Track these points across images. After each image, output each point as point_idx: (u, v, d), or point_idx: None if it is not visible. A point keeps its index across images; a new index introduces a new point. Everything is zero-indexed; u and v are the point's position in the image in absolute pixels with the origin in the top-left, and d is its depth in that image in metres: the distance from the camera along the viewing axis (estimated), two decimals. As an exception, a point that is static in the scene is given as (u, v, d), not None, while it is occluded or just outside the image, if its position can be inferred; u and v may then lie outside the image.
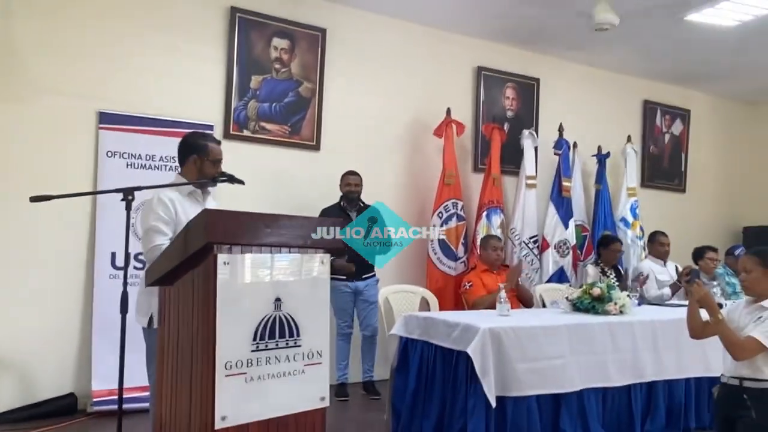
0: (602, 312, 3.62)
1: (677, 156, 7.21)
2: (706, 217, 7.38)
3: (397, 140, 5.37)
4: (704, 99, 7.46)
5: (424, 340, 3.38)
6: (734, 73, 6.67)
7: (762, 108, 7.81)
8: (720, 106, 7.62)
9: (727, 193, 7.64)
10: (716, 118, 7.57)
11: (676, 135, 7.19)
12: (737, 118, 7.79)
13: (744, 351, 2.41)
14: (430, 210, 5.31)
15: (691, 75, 6.78)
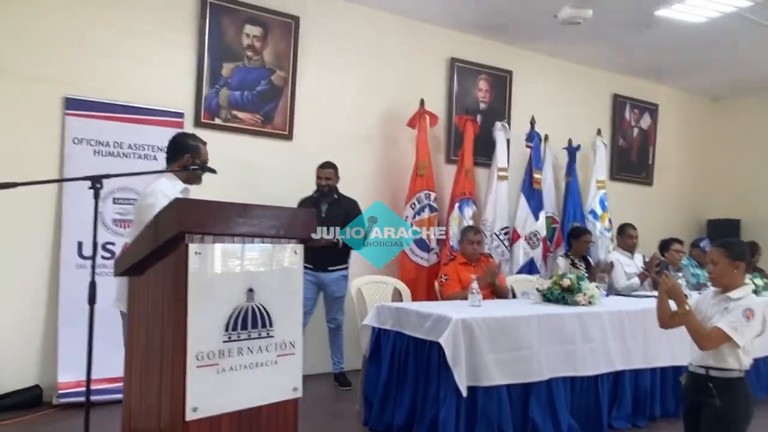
0: (572, 303, 3.68)
1: (645, 149, 7.34)
2: (672, 209, 7.54)
3: (371, 131, 5.36)
4: (672, 94, 7.59)
5: (396, 331, 3.39)
6: (701, 69, 6.80)
7: (727, 104, 8.00)
8: (687, 101, 7.77)
9: (693, 186, 7.81)
10: (683, 112, 7.72)
11: (644, 129, 7.32)
12: (703, 113, 7.95)
13: (709, 341, 2.46)
14: (403, 200, 5.32)
15: (659, 70, 6.89)
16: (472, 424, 3.05)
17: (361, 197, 5.24)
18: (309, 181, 4.75)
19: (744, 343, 2.43)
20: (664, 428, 3.69)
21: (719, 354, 2.48)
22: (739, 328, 2.42)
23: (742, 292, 2.51)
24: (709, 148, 7.99)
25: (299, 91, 4.95)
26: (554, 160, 6.39)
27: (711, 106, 8.04)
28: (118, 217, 4.16)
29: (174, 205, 2.09)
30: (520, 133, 6.09)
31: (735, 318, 2.44)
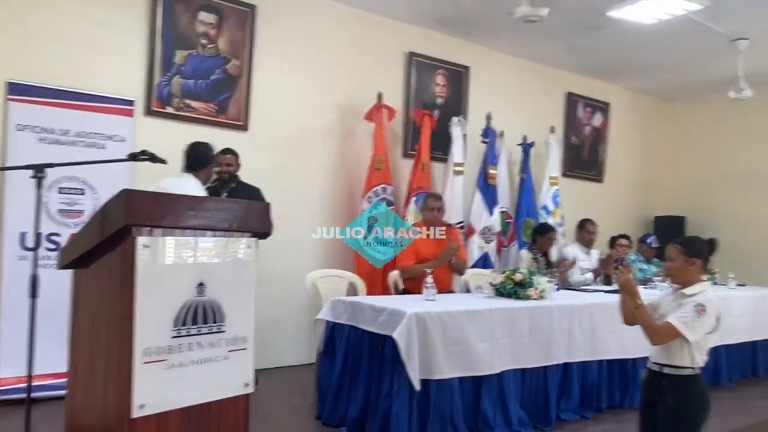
0: (523, 297, 3.73)
1: (596, 147, 7.52)
2: (621, 206, 7.76)
3: (328, 123, 5.32)
4: (623, 93, 7.79)
5: (350, 325, 3.39)
6: (651, 70, 6.99)
7: (676, 104, 8.26)
8: (637, 101, 7.99)
9: (641, 184, 8.05)
10: (634, 112, 7.94)
11: (597, 127, 7.49)
12: (653, 113, 8.19)
13: (659, 336, 2.48)
14: (360, 194, 5.31)
15: (612, 70, 7.06)
16: (424, 417, 3.08)
17: (317, 189, 5.24)
18: (265, 173, 4.70)
19: (695, 339, 2.43)
20: (610, 420, 3.79)
21: (672, 351, 2.49)
22: (689, 323, 2.42)
23: (697, 288, 2.52)
24: (658, 147, 8.24)
25: (255, 82, 4.87)
26: (509, 156, 6.47)
27: (661, 106, 8.29)
28: (64, 208, 4.01)
29: (121, 196, 2.02)
30: (476, 129, 6.14)
31: (685, 313, 2.45)
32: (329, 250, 5.22)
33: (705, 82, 7.25)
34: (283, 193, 4.83)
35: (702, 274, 2.57)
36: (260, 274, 4.16)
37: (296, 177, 5.07)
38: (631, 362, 4.05)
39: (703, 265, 2.57)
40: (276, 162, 4.97)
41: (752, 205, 7.35)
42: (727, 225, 7.06)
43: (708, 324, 2.45)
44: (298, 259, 5.02)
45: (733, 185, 7.56)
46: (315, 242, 5.15)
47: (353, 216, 5.30)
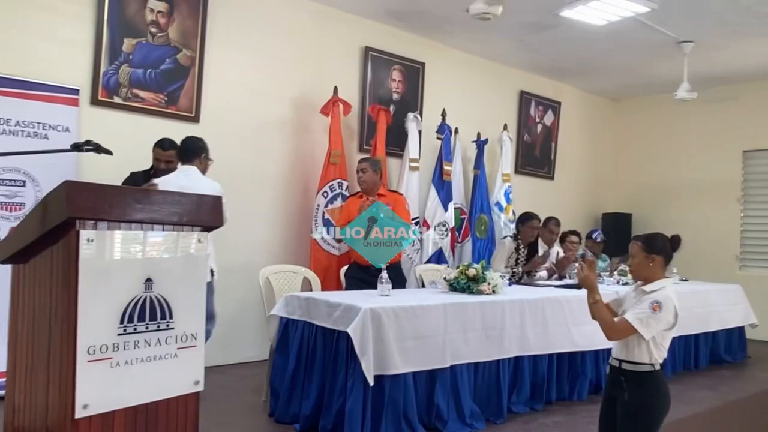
0: (476, 292, 3.77)
1: (548, 145, 7.66)
2: (571, 203, 7.93)
3: (283, 116, 5.25)
4: (574, 92, 7.96)
5: (305, 321, 3.36)
6: (601, 70, 7.17)
7: (624, 104, 8.49)
8: (587, 100, 8.18)
9: (590, 181, 8.25)
10: (583, 111, 8.12)
11: (548, 125, 7.63)
12: (602, 112, 8.40)
13: (615, 332, 2.51)
14: (315, 189, 5.26)
15: (563, 69, 7.20)
16: (378, 412, 3.07)
17: (271, 183, 5.17)
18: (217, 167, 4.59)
19: (649, 335, 2.45)
20: (559, 412, 3.87)
21: (630, 346, 2.51)
22: (644, 320, 2.44)
23: (657, 285, 2.53)
24: (607, 146, 8.46)
25: (207, 72, 4.76)
26: (463, 153, 6.53)
27: (610, 106, 8.51)
28: (3, 200, 3.83)
29: (63, 187, 1.94)
30: (432, 125, 6.17)
31: (641, 310, 2.47)
32: (283, 245, 5.17)
33: (652, 83, 7.47)
34: (236, 187, 4.75)
35: (663, 270, 2.58)
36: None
37: (250, 171, 4.99)
38: (579, 355, 4.14)
39: (665, 262, 2.58)
40: (229, 155, 4.86)
41: (695, 202, 7.63)
42: (672, 222, 7.28)
43: (664, 321, 2.46)
44: (252, 254, 4.95)
45: (677, 183, 7.83)
46: (269, 237, 5.09)
47: (309, 211, 5.26)
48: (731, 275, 6.93)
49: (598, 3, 5.01)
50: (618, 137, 8.49)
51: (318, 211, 5.23)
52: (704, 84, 6.91)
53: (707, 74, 6.84)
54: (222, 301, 4.67)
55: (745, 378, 5.08)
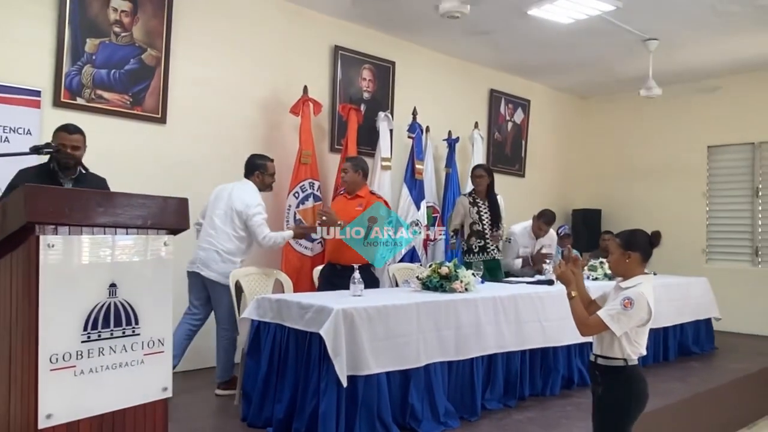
0: (449, 290, 3.79)
1: (518, 143, 7.73)
2: (541, 199, 8.00)
3: (253, 116, 5.20)
4: (543, 90, 8.05)
5: (276, 323, 3.33)
6: (569, 68, 7.26)
7: (592, 102, 8.61)
8: (556, 98, 8.28)
9: (560, 178, 8.35)
10: (553, 108, 8.22)
11: (518, 123, 7.71)
12: (571, 110, 8.51)
13: (587, 327, 2.55)
14: (287, 189, 5.23)
15: (531, 67, 7.27)
16: (352, 413, 3.06)
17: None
18: (184, 168, 4.54)
19: (621, 331, 2.47)
20: (533, 407, 3.90)
21: (604, 342, 2.55)
22: (615, 316, 2.47)
23: (633, 281, 2.56)
24: (576, 143, 8.57)
25: (173, 72, 4.69)
26: (435, 151, 6.56)
27: (579, 104, 8.62)
28: (-39, 206, 3.71)
29: (22, 192, 1.88)
30: (403, 124, 6.18)
31: (613, 306, 2.50)
32: (254, 248, 5.11)
33: (618, 80, 7.59)
34: (205, 189, 4.68)
35: (642, 266, 2.61)
36: (181, 274, 4.10)
37: (219, 172, 4.92)
38: (552, 350, 4.18)
39: (643, 258, 2.61)
40: (197, 156, 4.82)
41: (663, 197, 7.77)
42: (639, 216, 7.42)
43: (636, 317, 2.49)
44: (222, 256, 4.87)
45: (644, 178, 7.96)
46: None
47: (280, 212, 5.22)
48: (698, 269, 7.08)
49: (565, 1, 5.06)
50: (586, 134, 8.60)
51: (289, 212, 5.20)
52: (669, 81, 7.04)
53: (672, 71, 6.97)
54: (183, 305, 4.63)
55: (714, 369, 5.19)
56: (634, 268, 2.60)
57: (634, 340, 2.54)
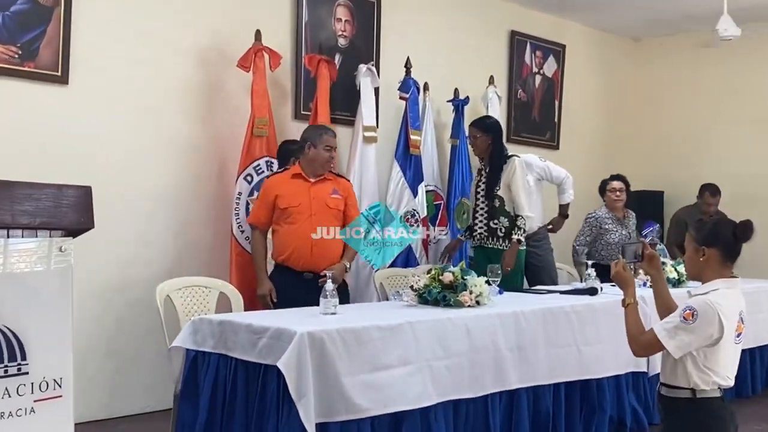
0: (454, 303, 3.78)
1: (550, 103, 7.73)
2: (582, 179, 7.93)
3: (186, 73, 5.18)
4: (582, 31, 8.06)
5: (220, 353, 3.33)
6: (616, 1, 7.23)
7: (648, 47, 8.62)
8: (600, 42, 8.29)
9: (607, 150, 8.35)
10: (596, 56, 8.23)
11: (549, 77, 7.70)
12: (620, 57, 8.52)
13: (638, 344, 2.62)
14: (235, 172, 5.22)
15: (567, 1, 7.24)
16: (323, 473, 3.07)
17: (171, 166, 5.11)
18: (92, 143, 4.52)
19: (679, 352, 2.52)
20: (570, 459, 3.92)
21: (667, 365, 2.61)
22: (671, 330, 2.52)
23: (708, 287, 2.61)
24: (628, 103, 8.59)
25: (77, 16, 4.64)
26: (436, 117, 6.54)
27: (631, 49, 8.63)
28: None
29: None
30: (393, 81, 6.15)
31: (672, 319, 2.55)
32: (191, 250, 5.14)
33: (684, 16, 7.58)
34: (120, 172, 4.70)
35: (722, 267, 2.65)
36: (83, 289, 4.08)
37: (140, 148, 4.90)
38: (596, 384, 4.20)
39: (723, 257, 2.65)
40: (109, 128, 4.80)
41: (751, 173, 7.73)
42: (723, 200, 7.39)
43: (702, 334, 2.52)
44: (146, 263, 4.89)
45: (723, 149, 7.96)
46: (170, 239, 5.04)
47: (226, 202, 5.23)
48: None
49: None
50: (642, 91, 8.61)
51: (240, 202, 5.18)
52: (749, 17, 7.01)
53: (753, 5, 6.95)
54: (102, 331, 4.67)
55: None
56: (710, 269, 2.64)
57: (703, 364, 2.57)
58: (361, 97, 5.82)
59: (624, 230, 6.25)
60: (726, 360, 2.61)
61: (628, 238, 6.15)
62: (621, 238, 6.12)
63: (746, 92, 7.86)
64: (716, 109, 8.05)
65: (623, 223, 6.29)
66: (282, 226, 4.43)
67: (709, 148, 8.06)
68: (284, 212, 4.41)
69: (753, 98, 7.81)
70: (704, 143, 8.10)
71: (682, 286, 4.97)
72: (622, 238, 6.14)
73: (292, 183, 4.48)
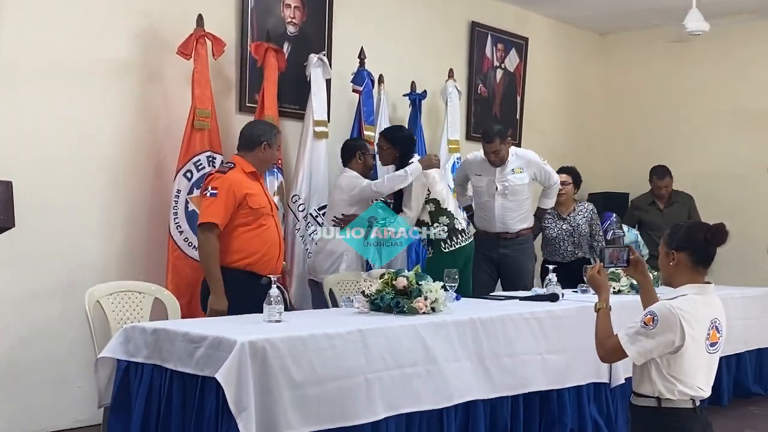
0: (409, 310, 3.78)
1: (511, 99, 7.79)
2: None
3: (120, 59, 5.09)
4: (546, 25, 8.14)
5: (154, 364, 3.31)
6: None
7: (613, 40, 8.73)
8: (565, 35, 8.38)
9: (571, 149, 8.35)
10: (561, 51, 8.32)
11: (511, 71, 7.75)
12: (586, 52, 8.63)
13: (602, 349, 2.67)
14: (173, 168, 5.17)
15: (530, -10, 7.33)
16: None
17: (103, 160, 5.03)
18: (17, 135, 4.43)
19: (640, 358, 2.56)
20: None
21: (635, 373, 2.65)
22: (632, 336, 2.57)
23: (674, 293, 2.66)
24: (594, 100, 8.71)
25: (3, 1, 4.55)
26: (392, 112, 6.55)
27: (597, 43, 8.75)
28: None
29: None
30: (345, 72, 6.16)
31: (633, 323, 2.60)
32: (124, 253, 5.06)
33: (651, 11, 7.64)
34: (41, 167, 4.63)
35: (693, 273, 2.69)
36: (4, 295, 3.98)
37: (67, 141, 4.81)
38: (556, 395, 4.23)
39: (694, 261, 2.69)
40: (35, 119, 4.72)
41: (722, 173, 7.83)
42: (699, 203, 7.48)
43: (663, 341, 2.56)
44: (73, 267, 4.81)
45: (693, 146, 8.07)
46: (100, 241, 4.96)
47: (163, 200, 5.17)
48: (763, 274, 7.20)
49: None
50: (608, 87, 8.71)
51: (179, 200, 5.13)
52: (718, 12, 7.13)
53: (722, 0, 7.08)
54: (22, 341, 4.59)
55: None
56: (682, 274, 2.69)
57: (667, 372, 2.60)
58: (311, 89, 5.80)
59: (565, 225, 6.36)
60: (693, 369, 2.63)
61: (570, 233, 6.31)
62: (560, 234, 6.32)
63: (716, 89, 8.01)
64: (685, 107, 8.17)
65: (565, 218, 6.39)
66: (250, 228, 4.38)
67: (679, 147, 8.15)
68: (255, 213, 4.38)
69: (724, 95, 7.95)
70: (674, 142, 8.21)
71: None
72: (562, 233, 6.33)
73: (252, 182, 4.46)
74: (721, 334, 2.73)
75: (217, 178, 4.34)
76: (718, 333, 2.72)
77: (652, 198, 7.45)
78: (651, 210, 7.38)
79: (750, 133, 7.79)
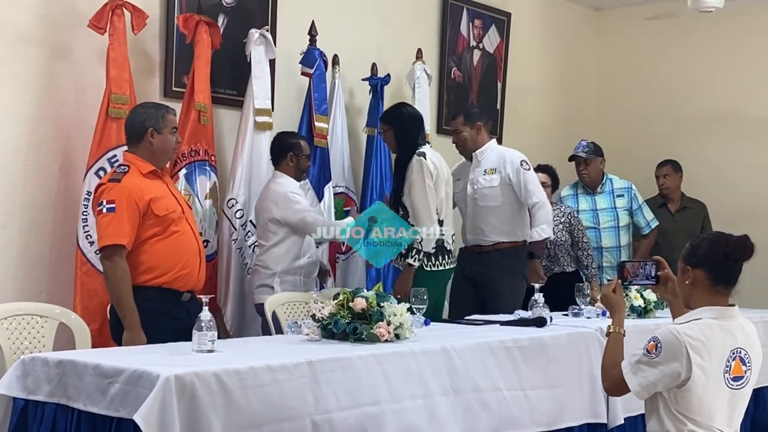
0: (369, 338, 3.77)
1: (491, 85, 7.84)
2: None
3: (19, 33, 5.03)
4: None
5: (58, 403, 3.26)
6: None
7: (608, 17, 8.86)
8: (553, 11, 8.47)
9: (559, 141, 8.42)
10: (548, 28, 8.41)
11: (490, 52, 7.79)
12: (578, 29, 8.72)
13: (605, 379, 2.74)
14: (83, 164, 5.13)
15: (513, -42, 7.39)
16: None
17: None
18: None
19: (643, 392, 2.62)
20: None
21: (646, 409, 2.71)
22: (634, 364, 2.64)
23: (687, 316, 2.70)
24: (584, 83, 8.80)
25: None
26: (349, 100, 6.60)
27: (590, 19, 8.85)
28: None
29: None
30: (293, 51, 6.17)
31: (637, 351, 2.66)
32: (22, 268, 5.01)
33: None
34: None
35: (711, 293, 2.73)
36: None
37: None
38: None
39: (712, 279, 2.72)
40: None
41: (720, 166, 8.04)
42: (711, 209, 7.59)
43: (667, 371, 2.60)
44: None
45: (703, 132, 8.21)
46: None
47: (70, 205, 5.15)
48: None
49: None
50: (603, 70, 8.81)
51: (89, 203, 5.05)
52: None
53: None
54: None
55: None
56: (699, 294, 2.74)
57: (675, 409, 2.64)
58: (252, 71, 5.82)
59: None
60: (707, 407, 2.66)
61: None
62: None
63: (724, 71, 8.13)
64: (689, 91, 8.30)
65: None
66: (160, 238, 4.34)
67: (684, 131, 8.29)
68: (163, 221, 4.34)
69: (732, 77, 8.07)
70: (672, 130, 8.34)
71: (649, 316, 5.08)
72: None
73: (153, 183, 4.42)
74: (748, 366, 2.75)
75: (110, 189, 4.26)
76: (743, 365, 2.73)
77: (662, 200, 7.58)
78: (661, 213, 7.45)
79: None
